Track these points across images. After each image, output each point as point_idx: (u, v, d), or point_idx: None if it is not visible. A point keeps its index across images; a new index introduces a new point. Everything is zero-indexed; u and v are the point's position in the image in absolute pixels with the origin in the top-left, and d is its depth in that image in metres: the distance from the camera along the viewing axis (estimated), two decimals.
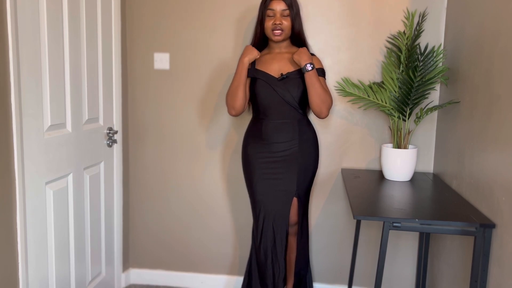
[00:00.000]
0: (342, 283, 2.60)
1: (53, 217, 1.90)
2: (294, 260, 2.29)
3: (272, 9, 2.09)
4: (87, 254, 2.25)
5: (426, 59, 2.18)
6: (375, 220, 1.88)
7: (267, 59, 2.18)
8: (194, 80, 2.56)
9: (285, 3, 2.09)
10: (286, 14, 2.10)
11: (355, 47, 2.41)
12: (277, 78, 2.12)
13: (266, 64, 2.16)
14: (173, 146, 2.64)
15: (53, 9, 1.83)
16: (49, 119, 1.84)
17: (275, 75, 2.13)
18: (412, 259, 2.52)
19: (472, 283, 1.61)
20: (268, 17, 2.11)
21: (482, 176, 1.71)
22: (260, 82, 2.13)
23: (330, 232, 2.57)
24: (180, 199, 2.68)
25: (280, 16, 2.09)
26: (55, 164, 1.90)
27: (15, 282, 1.69)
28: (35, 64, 1.73)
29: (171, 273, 2.74)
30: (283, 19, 2.10)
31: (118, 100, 2.46)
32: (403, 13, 2.33)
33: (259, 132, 2.18)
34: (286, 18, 2.10)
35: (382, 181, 2.19)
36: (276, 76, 2.13)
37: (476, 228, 1.59)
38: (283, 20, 2.09)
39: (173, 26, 2.53)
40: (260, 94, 2.13)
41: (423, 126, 2.40)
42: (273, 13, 2.10)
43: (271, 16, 2.11)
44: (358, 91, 2.29)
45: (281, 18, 2.09)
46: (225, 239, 2.68)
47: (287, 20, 2.10)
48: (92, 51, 2.18)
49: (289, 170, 2.16)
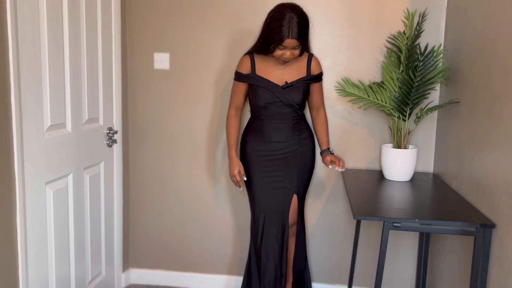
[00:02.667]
0: (342, 283, 2.60)
1: (53, 217, 1.90)
2: (293, 261, 2.28)
3: (285, 46, 1.99)
4: (87, 254, 2.25)
5: (426, 59, 2.18)
6: (375, 220, 1.88)
7: (269, 64, 2.14)
8: (194, 80, 2.56)
9: (298, 41, 1.98)
10: (297, 47, 2.02)
11: (355, 47, 2.41)
12: (281, 86, 2.11)
13: (268, 71, 2.13)
14: (173, 146, 2.64)
15: (53, 9, 1.83)
16: (49, 119, 1.84)
17: (278, 83, 2.12)
18: (412, 259, 2.52)
19: (472, 283, 1.61)
20: (279, 48, 2.01)
21: (482, 176, 1.71)
22: (262, 89, 2.12)
23: (330, 232, 2.57)
24: (180, 199, 2.68)
25: (291, 49, 2.01)
26: (55, 164, 1.90)
27: (15, 282, 1.69)
28: (35, 64, 1.73)
29: (171, 273, 2.74)
30: (294, 50, 2.02)
31: (118, 100, 2.46)
32: (403, 13, 2.33)
33: (258, 131, 2.19)
34: (297, 50, 2.03)
35: (382, 181, 2.19)
36: (279, 84, 2.12)
37: (476, 228, 1.58)
38: (294, 52, 2.02)
39: (173, 26, 2.53)
40: (261, 99, 2.13)
41: (423, 126, 2.40)
42: (284, 48, 2.00)
43: (281, 49, 2.01)
44: (358, 91, 2.29)
45: (292, 51, 2.01)
46: (225, 239, 2.68)
47: (297, 51, 2.03)
48: (92, 51, 2.18)
49: (289, 167, 2.17)
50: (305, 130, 2.22)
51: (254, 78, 2.14)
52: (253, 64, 2.15)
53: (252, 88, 2.16)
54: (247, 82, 2.16)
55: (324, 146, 2.25)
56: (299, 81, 2.13)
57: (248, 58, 2.16)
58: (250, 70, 2.15)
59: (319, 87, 2.22)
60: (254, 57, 2.15)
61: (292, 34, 1.95)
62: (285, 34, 1.94)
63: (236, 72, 2.19)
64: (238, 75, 2.18)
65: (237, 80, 2.19)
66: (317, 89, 2.22)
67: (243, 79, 2.17)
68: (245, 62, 2.16)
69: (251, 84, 2.16)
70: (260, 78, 2.13)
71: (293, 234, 2.26)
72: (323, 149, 2.24)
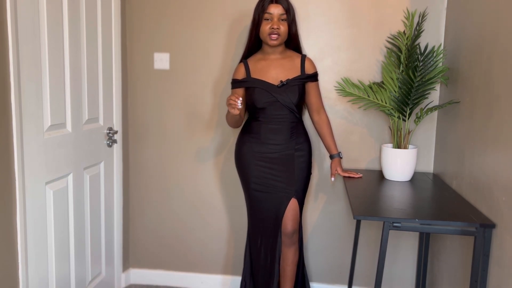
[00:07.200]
0: (342, 283, 2.60)
1: (53, 217, 1.90)
2: (291, 273, 2.21)
3: (270, 13, 2.05)
4: (87, 254, 2.25)
5: (426, 59, 2.18)
6: (375, 220, 1.88)
7: (263, 66, 2.16)
8: (194, 80, 2.56)
9: (283, 7, 2.06)
10: (283, 19, 2.07)
11: (355, 47, 2.41)
12: (276, 85, 2.11)
13: (263, 72, 2.15)
14: (173, 146, 2.64)
15: (53, 9, 1.83)
16: (49, 119, 1.84)
17: (273, 82, 2.13)
18: (412, 259, 2.52)
19: (472, 283, 1.61)
20: (265, 21, 2.07)
21: (482, 176, 1.71)
22: (258, 90, 2.13)
23: (330, 232, 2.57)
24: (180, 199, 2.68)
25: (278, 20, 2.06)
26: (55, 164, 1.90)
27: (15, 282, 1.69)
28: (35, 64, 1.73)
29: (171, 273, 2.74)
30: (280, 23, 2.06)
31: (118, 100, 2.46)
32: (403, 13, 2.33)
33: (255, 133, 2.18)
34: (283, 23, 2.07)
35: (382, 181, 2.19)
36: (275, 83, 2.12)
37: (476, 228, 1.58)
38: (280, 25, 2.06)
39: (173, 26, 2.53)
40: (258, 101, 2.13)
41: (423, 126, 2.40)
42: (270, 17, 2.06)
43: (268, 19, 2.07)
44: (358, 91, 2.29)
45: (278, 22, 2.06)
46: (226, 239, 2.68)
47: (284, 25, 2.07)
48: (92, 51, 2.18)
49: (285, 169, 2.15)
50: (302, 135, 2.21)
51: (250, 81, 2.15)
52: (247, 69, 2.17)
53: (248, 91, 2.16)
54: (244, 86, 2.17)
55: (333, 151, 2.26)
56: (294, 80, 2.13)
57: (242, 65, 2.20)
58: (245, 75, 2.17)
59: (316, 88, 2.22)
60: (247, 63, 2.19)
61: (276, 0, 2.06)
62: (268, 1, 2.06)
63: (232, 80, 2.21)
64: (234, 82, 2.20)
65: (234, 88, 2.20)
66: (314, 89, 2.22)
67: (239, 84, 2.18)
68: (240, 69, 2.20)
69: (248, 88, 2.16)
70: (256, 80, 2.14)
71: (294, 243, 2.20)
72: (333, 153, 2.26)
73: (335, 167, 2.24)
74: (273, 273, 2.18)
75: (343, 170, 2.24)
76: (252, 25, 2.13)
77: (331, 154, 2.27)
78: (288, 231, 2.14)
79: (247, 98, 2.19)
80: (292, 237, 2.17)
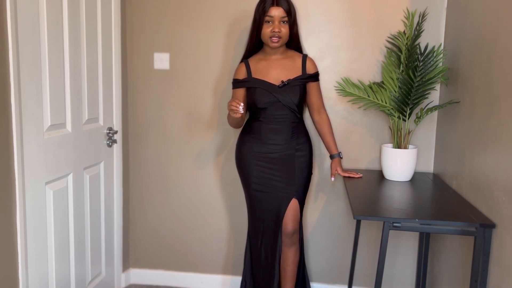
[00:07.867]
0: (342, 283, 2.60)
1: (53, 217, 1.90)
2: (292, 273, 2.21)
3: (271, 15, 2.04)
4: (87, 254, 2.25)
5: (426, 59, 2.18)
6: (375, 220, 1.88)
7: (264, 66, 2.16)
8: (194, 80, 2.56)
9: (284, 10, 2.04)
10: (285, 21, 2.06)
11: (355, 47, 2.41)
12: (277, 85, 2.11)
13: (263, 72, 2.15)
14: (173, 146, 2.64)
15: (53, 9, 1.83)
16: (49, 119, 1.84)
17: (275, 82, 2.13)
18: (412, 259, 2.52)
19: (472, 283, 1.61)
20: (266, 23, 2.06)
21: (482, 176, 1.71)
22: (259, 90, 2.12)
23: (330, 232, 2.57)
24: (180, 199, 2.68)
25: (279, 23, 2.05)
26: (55, 164, 1.90)
27: (15, 282, 1.69)
28: (35, 64, 1.73)
29: (171, 273, 2.74)
30: (282, 26, 2.05)
31: (118, 100, 2.46)
32: (403, 13, 2.33)
33: (256, 133, 2.18)
34: (285, 25, 2.07)
35: (382, 181, 2.19)
36: (276, 83, 2.12)
37: (476, 228, 1.58)
38: (282, 27, 2.05)
39: (173, 26, 2.53)
40: (260, 101, 2.12)
41: (423, 126, 2.40)
42: (271, 20, 2.05)
43: (269, 22, 2.06)
44: (358, 91, 2.29)
45: (279, 25, 2.05)
46: (226, 239, 2.68)
47: (285, 27, 2.07)
48: (92, 51, 2.18)
49: (286, 169, 2.15)
50: (303, 135, 2.21)
51: (251, 81, 2.15)
52: (248, 69, 2.17)
53: (250, 91, 2.16)
54: (245, 86, 2.17)
55: (333, 150, 2.26)
56: (295, 80, 2.13)
57: (243, 65, 2.19)
58: (246, 75, 2.17)
59: (317, 87, 2.22)
60: (248, 63, 2.18)
61: (277, 2, 2.04)
62: (269, 3, 2.04)
63: (233, 80, 2.21)
64: (235, 82, 2.20)
65: (235, 88, 2.20)
66: (315, 89, 2.21)
67: (240, 84, 2.18)
68: (241, 69, 2.19)
69: (249, 88, 2.16)
70: (257, 80, 2.14)
71: (294, 243, 2.19)
72: (333, 153, 2.26)
73: (335, 167, 2.24)
74: (274, 273, 2.18)
75: (343, 170, 2.24)
76: (253, 26, 2.13)
77: (331, 154, 2.27)
78: (289, 231, 2.14)
79: (248, 98, 2.18)
80: (293, 237, 2.17)
